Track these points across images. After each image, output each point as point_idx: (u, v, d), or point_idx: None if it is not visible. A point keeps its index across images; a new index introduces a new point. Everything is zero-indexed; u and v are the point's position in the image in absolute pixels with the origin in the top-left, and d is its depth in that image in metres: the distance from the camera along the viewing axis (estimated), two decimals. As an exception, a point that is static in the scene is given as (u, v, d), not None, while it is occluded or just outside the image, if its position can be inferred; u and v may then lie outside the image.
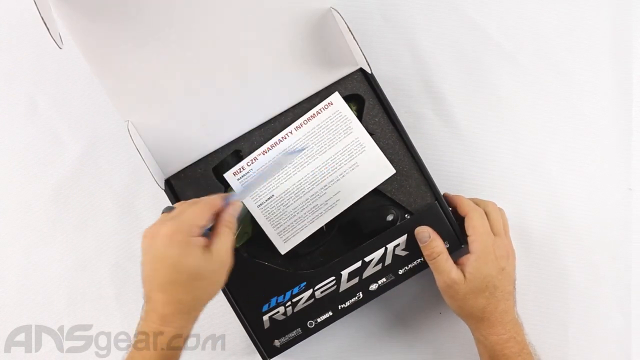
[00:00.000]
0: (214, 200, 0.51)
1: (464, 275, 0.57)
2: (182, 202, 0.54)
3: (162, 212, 0.51)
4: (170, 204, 0.60)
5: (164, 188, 0.61)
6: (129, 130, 0.58)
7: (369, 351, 0.68)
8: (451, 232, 0.60)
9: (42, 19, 0.49)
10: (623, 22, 0.71)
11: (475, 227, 0.58)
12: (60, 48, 0.52)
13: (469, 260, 0.58)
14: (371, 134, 0.61)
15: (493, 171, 0.70)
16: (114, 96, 0.59)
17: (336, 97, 0.61)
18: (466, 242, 0.59)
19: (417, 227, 0.60)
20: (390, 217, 0.61)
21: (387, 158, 0.61)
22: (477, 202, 0.62)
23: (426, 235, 0.59)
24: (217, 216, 0.51)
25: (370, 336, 0.68)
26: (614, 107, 0.71)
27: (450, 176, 0.69)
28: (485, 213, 0.60)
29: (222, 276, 0.50)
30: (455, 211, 0.61)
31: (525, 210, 0.69)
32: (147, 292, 0.49)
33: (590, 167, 0.70)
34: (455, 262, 0.59)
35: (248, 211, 0.61)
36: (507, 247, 0.60)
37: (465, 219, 0.60)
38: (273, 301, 0.60)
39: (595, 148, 0.70)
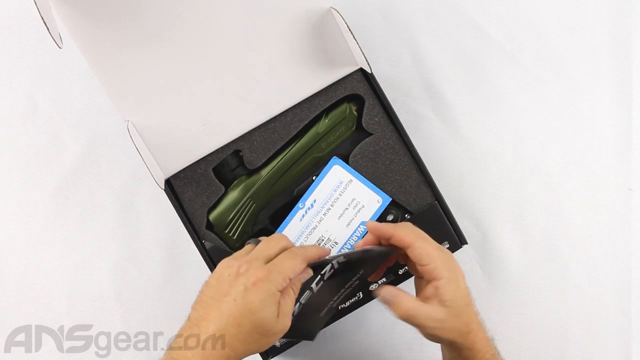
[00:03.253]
0: (309, 257, 0.49)
1: (445, 306, 0.49)
2: (271, 239, 0.50)
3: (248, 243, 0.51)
4: (172, 204, 0.60)
5: (164, 188, 0.61)
6: (129, 130, 0.58)
7: (369, 351, 0.68)
8: (451, 232, 0.60)
9: (42, 19, 0.49)
10: (623, 22, 0.71)
11: (428, 253, 0.50)
12: (60, 48, 0.52)
13: (442, 287, 0.49)
14: (371, 134, 0.61)
15: (493, 171, 0.70)
16: (114, 96, 0.59)
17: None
18: (463, 243, 0.59)
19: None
20: (390, 217, 0.61)
21: (387, 158, 0.61)
22: (397, 227, 0.53)
23: (390, 292, 0.49)
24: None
25: (371, 336, 0.68)
26: (614, 107, 0.71)
27: (450, 176, 0.69)
28: (404, 229, 0.52)
29: (276, 339, 0.47)
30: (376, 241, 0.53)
31: (525, 210, 0.70)
32: (201, 317, 0.46)
33: (590, 167, 0.70)
34: (421, 296, 0.50)
35: (250, 212, 0.61)
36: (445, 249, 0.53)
37: (412, 250, 0.50)
38: (273, 301, 0.60)
39: (595, 148, 0.70)
